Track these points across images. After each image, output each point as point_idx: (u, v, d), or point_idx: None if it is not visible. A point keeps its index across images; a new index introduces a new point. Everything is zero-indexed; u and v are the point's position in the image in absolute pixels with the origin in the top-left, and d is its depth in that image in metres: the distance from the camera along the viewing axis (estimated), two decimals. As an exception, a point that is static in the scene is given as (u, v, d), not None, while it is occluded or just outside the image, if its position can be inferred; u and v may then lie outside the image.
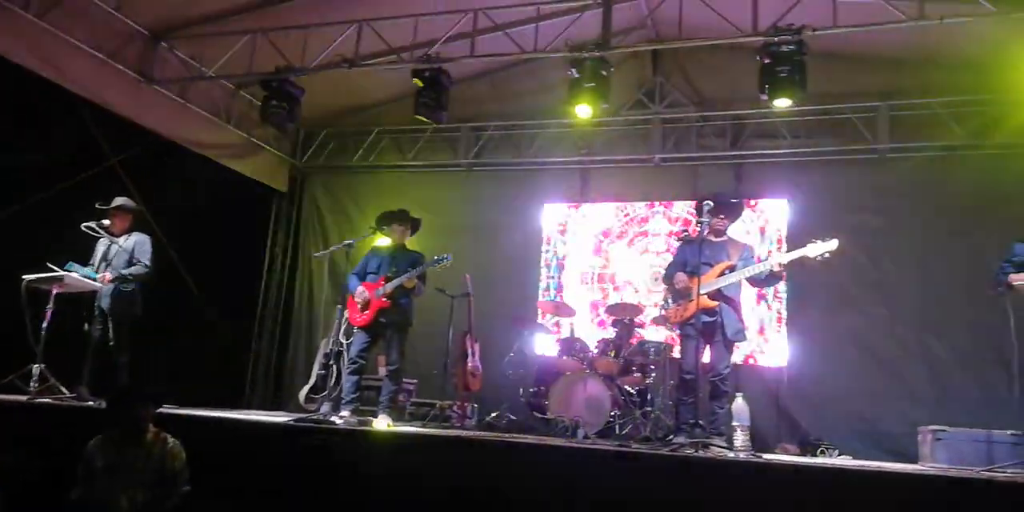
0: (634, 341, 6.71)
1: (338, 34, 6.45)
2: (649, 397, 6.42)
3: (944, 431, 5.09)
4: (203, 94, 7.44)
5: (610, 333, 6.89)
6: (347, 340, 5.95)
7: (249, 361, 8.57)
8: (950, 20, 5.24)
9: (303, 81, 6.71)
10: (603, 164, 8.21)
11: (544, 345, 7.69)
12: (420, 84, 6.09)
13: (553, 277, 8.15)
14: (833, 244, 4.73)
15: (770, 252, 7.20)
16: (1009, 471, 4.39)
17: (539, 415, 6.34)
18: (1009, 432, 5.07)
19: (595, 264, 8.08)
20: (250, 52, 6.63)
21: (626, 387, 6.47)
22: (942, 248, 6.85)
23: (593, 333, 7.66)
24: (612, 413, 6.09)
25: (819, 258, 4.77)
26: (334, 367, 6.08)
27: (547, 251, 8.21)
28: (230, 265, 7.99)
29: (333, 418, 4.77)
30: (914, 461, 5.66)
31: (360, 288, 5.57)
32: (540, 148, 8.28)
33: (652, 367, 6.48)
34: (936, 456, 5.04)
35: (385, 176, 8.63)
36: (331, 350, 6.01)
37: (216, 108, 7.64)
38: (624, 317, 6.83)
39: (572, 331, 7.35)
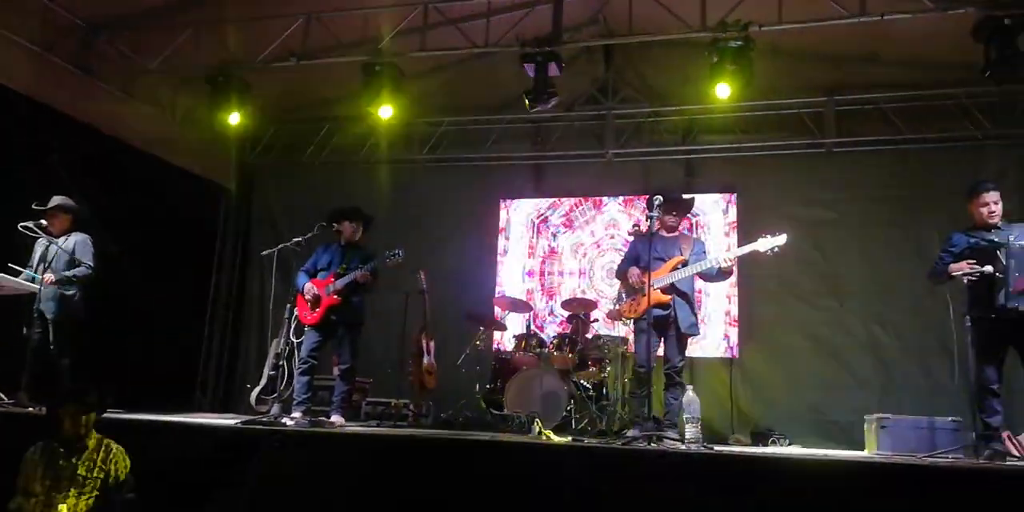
0: (589, 336, 6.75)
1: (286, 27, 6.32)
2: (605, 391, 6.46)
3: (888, 419, 5.21)
4: (146, 89, 7.21)
5: (566, 328, 6.93)
6: (298, 339, 5.85)
7: (199, 363, 8.38)
8: (891, 16, 5.37)
9: (251, 76, 6.57)
10: (557, 159, 8.23)
11: (501, 341, 7.70)
12: (369, 78, 5.99)
13: (509, 273, 8.14)
14: (782, 238, 4.82)
15: (729, 247, 7.31)
16: (950, 456, 4.53)
17: (495, 412, 6.34)
18: (950, 418, 5.21)
19: (549, 259, 8.09)
20: (194, 46, 6.45)
21: (582, 382, 6.50)
22: (888, 240, 7.04)
23: (550, 329, 7.70)
24: (568, 408, 6.11)
25: (769, 252, 4.86)
26: (285, 367, 5.98)
27: (503, 246, 8.19)
28: (178, 265, 7.79)
29: (284, 420, 4.69)
30: (861, 448, 5.80)
31: (309, 285, 5.48)
32: (495, 143, 8.26)
33: (607, 361, 6.52)
34: (881, 443, 5.17)
35: (337, 172, 8.50)
36: (282, 350, 5.90)
37: (160, 103, 7.43)
38: (579, 312, 6.86)
39: (528, 327, 7.35)
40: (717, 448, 4.50)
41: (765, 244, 4.85)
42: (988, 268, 4.45)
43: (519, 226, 8.23)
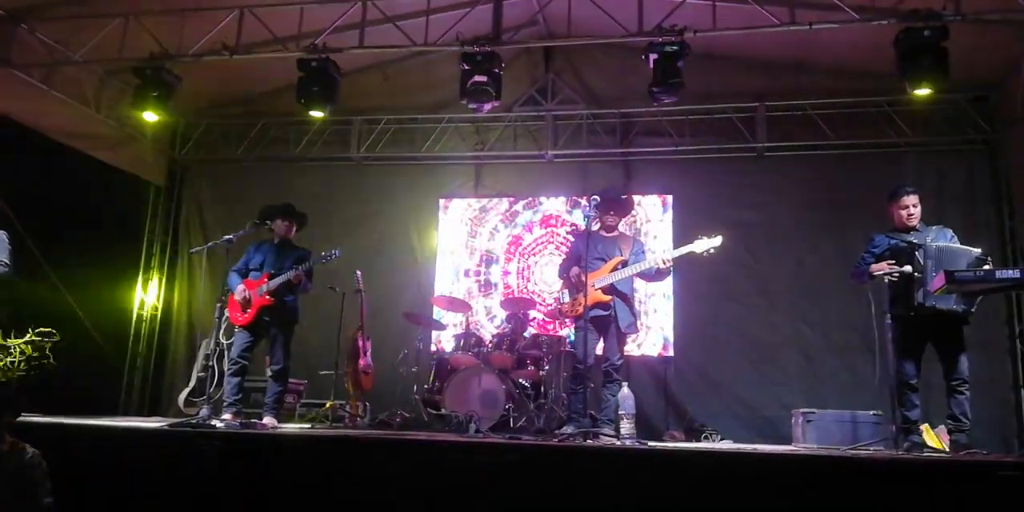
0: (527, 335, 6.77)
1: (218, 20, 6.15)
2: (543, 390, 6.49)
3: (813, 413, 5.40)
4: (69, 80, 6.91)
5: (504, 328, 6.94)
6: (228, 340, 5.70)
7: (124, 365, 8.08)
8: (819, 25, 5.56)
9: (181, 69, 6.37)
10: (497, 160, 8.24)
11: (439, 341, 7.66)
12: (305, 74, 5.88)
13: (447, 272, 8.11)
14: (717, 240, 4.96)
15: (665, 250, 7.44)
16: (872, 448, 4.71)
17: (433, 411, 6.30)
18: (871, 412, 5.43)
19: (487, 258, 8.10)
20: (121, 36, 6.22)
21: (521, 381, 6.52)
22: (815, 241, 7.27)
23: (488, 328, 7.71)
24: (507, 407, 6.13)
25: (705, 253, 4.98)
26: (215, 368, 5.81)
27: (441, 245, 8.15)
28: (102, 263, 7.50)
29: (213, 422, 4.56)
30: (790, 442, 5.98)
31: (241, 286, 5.36)
32: (435, 142, 8.22)
33: (546, 360, 6.56)
34: (807, 437, 5.34)
35: (272, 169, 8.33)
36: (211, 351, 5.73)
37: (84, 95, 7.13)
38: (518, 311, 6.88)
39: (467, 326, 7.34)
40: (651, 444, 4.58)
41: (701, 245, 4.97)
42: (907, 268, 4.64)
43: (457, 225, 8.20)
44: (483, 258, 8.11)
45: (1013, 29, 5.99)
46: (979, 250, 4.58)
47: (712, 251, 4.99)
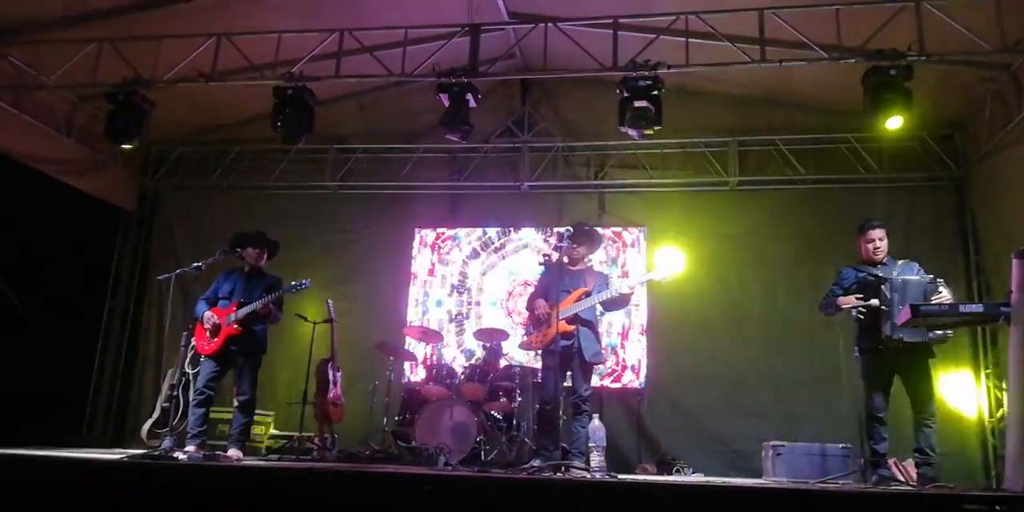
0: (501, 366, 6.72)
1: (194, 47, 6.16)
2: (515, 422, 6.42)
3: (783, 446, 5.39)
4: (41, 104, 6.87)
5: (477, 359, 6.89)
6: (194, 369, 5.59)
7: (88, 395, 7.88)
8: (788, 63, 5.69)
9: (155, 95, 6.34)
10: (473, 190, 8.26)
11: (411, 372, 7.57)
12: (281, 102, 5.89)
13: (420, 303, 8.05)
14: (677, 268, 4.99)
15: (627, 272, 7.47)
16: (840, 482, 4.70)
17: (404, 444, 6.20)
18: (840, 445, 5.44)
19: (462, 288, 8.06)
20: (94, 62, 6.19)
21: (492, 412, 6.45)
22: (786, 274, 7.34)
23: (460, 359, 7.64)
24: (478, 439, 6.05)
25: (663, 281, 5.05)
26: (180, 399, 5.68)
27: (415, 276, 8.11)
28: (69, 290, 7.37)
29: (177, 454, 4.44)
30: (760, 475, 5.95)
31: (209, 313, 5.27)
32: (411, 172, 8.24)
33: (518, 392, 6.50)
34: (777, 470, 5.33)
35: (245, 197, 8.28)
36: (176, 380, 5.62)
37: (55, 120, 7.07)
38: (491, 342, 6.84)
39: (439, 357, 7.27)
40: (621, 476, 4.53)
41: (659, 274, 5.06)
42: (874, 302, 4.69)
43: (431, 255, 8.18)
44: (456, 288, 8.07)
45: (977, 70, 6.20)
46: (931, 276, 4.67)
47: (669, 279, 5.07)
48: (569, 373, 5.04)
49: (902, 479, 4.74)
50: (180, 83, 6.19)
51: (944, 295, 4.55)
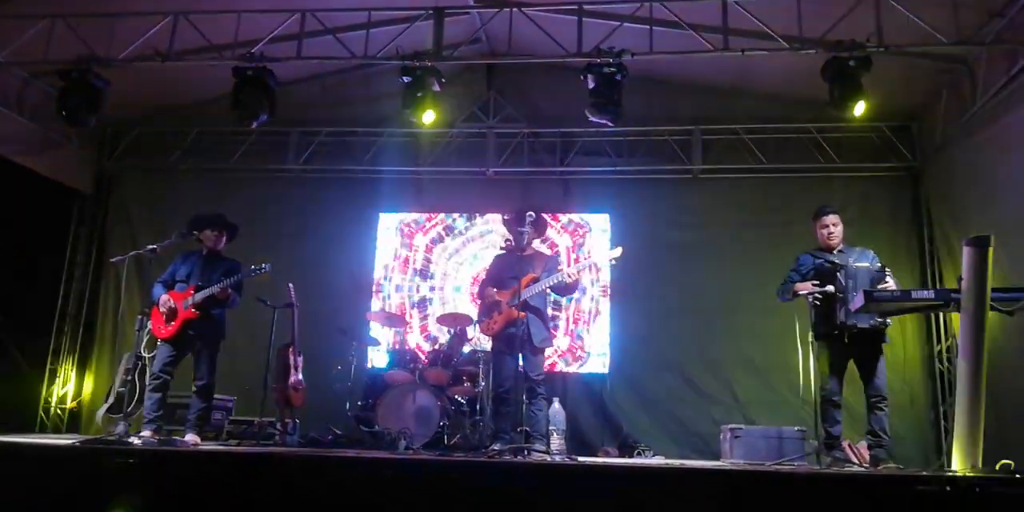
0: (465, 351, 6.73)
1: (151, 25, 6.00)
2: (478, 406, 6.44)
3: (740, 429, 5.50)
4: (-10, 82, 6.66)
5: (441, 344, 6.89)
6: (150, 354, 5.50)
7: (43, 380, 7.72)
8: (750, 52, 5.74)
9: (113, 74, 6.17)
10: (437, 175, 8.21)
11: (374, 358, 7.54)
12: (241, 82, 5.78)
13: (384, 287, 8.01)
14: (618, 251, 5.13)
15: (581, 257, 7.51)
16: (795, 463, 4.81)
17: (367, 428, 6.19)
18: (796, 428, 5.56)
19: (426, 273, 8.04)
20: (47, 38, 6.00)
21: (456, 397, 6.47)
22: (747, 261, 7.42)
23: (425, 344, 7.63)
24: (441, 423, 6.07)
25: (612, 262, 5.19)
26: (136, 384, 5.59)
27: (379, 260, 8.06)
28: (22, 274, 7.18)
29: (132, 439, 4.37)
30: (719, 458, 6.06)
31: (165, 297, 5.18)
32: (375, 156, 8.16)
33: (482, 376, 6.52)
34: (734, 452, 5.43)
35: (206, 179, 8.10)
36: (132, 365, 5.52)
37: (6, 98, 6.84)
38: (455, 327, 6.84)
39: (403, 342, 7.25)
40: (581, 459, 4.58)
41: (601, 257, 5.19)
42: (829, 288, 4.79)
43: (396, 239, 8.13)
44: (421, 273, 8.05)
45: (934, 62, 6.32)
46: (880, 264, 4.81)
47: (614, 261, 5.18)
48: (521, 358, 5.07)
49: (856, 461, 4.86)
50: (136, 62, 6.02)
51: (890, 284, 4.68)
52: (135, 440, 4.33)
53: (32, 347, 7.61)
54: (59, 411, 7.74)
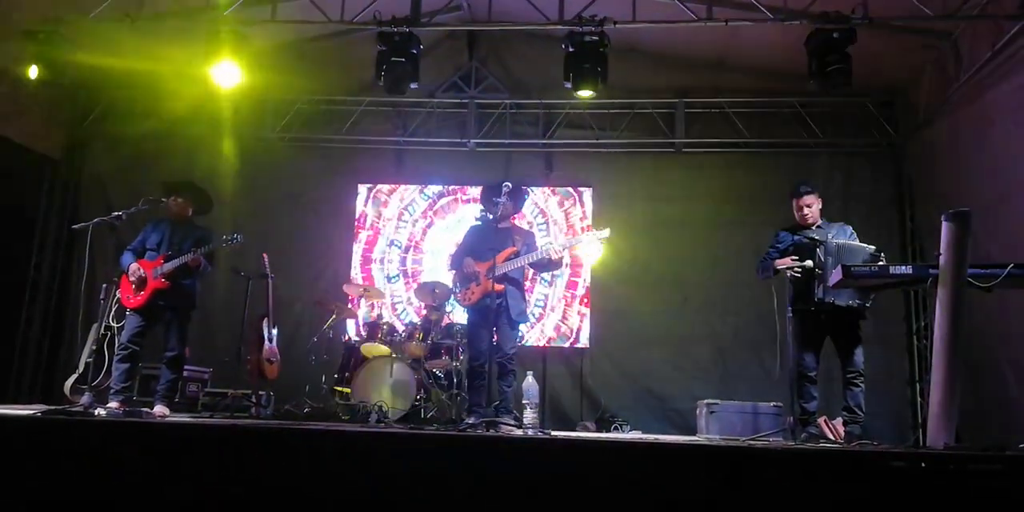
0: (443, 324, 6.67)
1: (121, -16, 5.81)
2: (456, 380, 6.41)
3: (716, 404, 5.50)
4: (-46, 43, 6.41)
5: (420, 316, 6.83)
6: (119, 323, 5.40)
7: (15, 350, 7.59)
8: (734, 23, 5.64)
9: (82, 37, 5.97)
10: (419, 146, 8.08)
11: (351, 330, 7.48)
12: (213, 45, 5.61)
13: (362, 259, 7.92)
14: (605, 232, 5.03)
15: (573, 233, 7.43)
16: (770, 439, 4.81)
17: (342, 401, 6.14)
18: (772, 404, 5.56)
19: (406, 245, 7.95)
20: (12, -3, 5.80)
21: (434, 370, 6.43)
22: (728, 236, 7.38)
23: (404, 316, 7.57)
24: (418, 397, 6.03)
25: (600, 241, 5.05)
26: (105, 354, 5.50)
27: (358, 232, 7.96)
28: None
29: (98, 410, 4.29)
30: (695, 433, 6.08)
31: (134, 266, 5.07)
32: (355, 125, 8.00)
33: (460, 350, 6.48)
34: (710, 428, 5.43)
35: (181, 146, 7.91)
36: (100, 335, 5.42)
37: (-30, 60, 6.63)
38: (432, 300, 6.76)
39: (380, 315, 7.18)
40: (555, 433, 4.56)
41: (589, 238, 5.07)
42: (808, 263, 4.75)
43: (375, 210, 8.01)
44: (400, 245, 7.95)
45: (919, 37, 6.23)
46: (873, 247, 4.75)
47: (600, 242, 5.07)
48: (495, 331, 5.02)
49: (831, 437, 4.86)
50: (105, 22, 5.82)
51: None
52: (100, 411, 4.26)
53: (3, 316, 7.48)
54: (32, 381, 7.63)
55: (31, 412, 4.00)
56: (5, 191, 7.30)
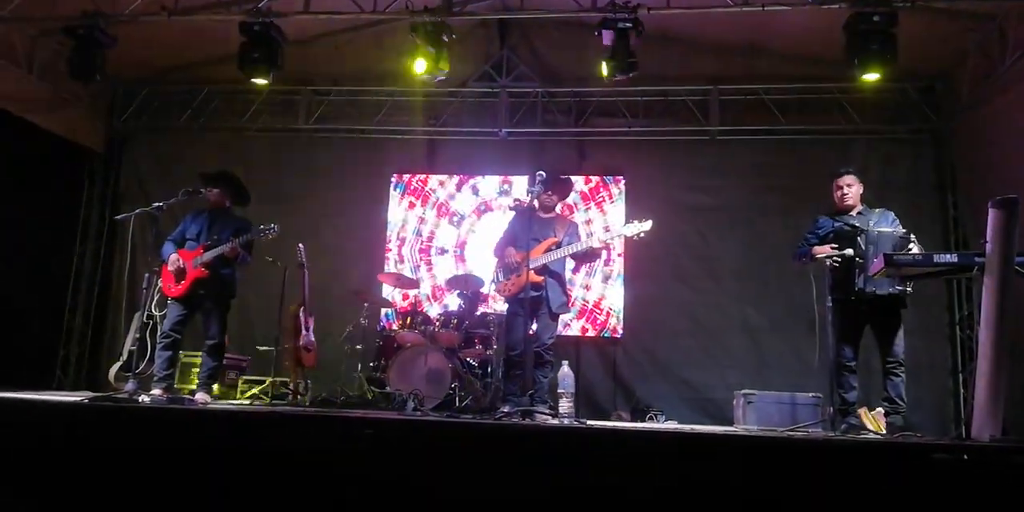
0: (477, 313, 6.69)
1: (156, -22, 5.88)
2: (490, 369, 6.43)
3: (754, 395, 5.44)
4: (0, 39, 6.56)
5: (454, 306, 6.86)
6: (161, 312, 5.51)
7: (60, 339, 7.80)
8: (771, 7, 5.53)
9: (120, 32, 6.06)
10: (451, 135, 8.08)
11: (386, 319, 7.54)
12: (247, 39, 5.66)
13: (394, 249, 7.97)
14: (647, 224, 4.93)
15: (609, 227, 7.39)
16: (808, 430, 4.76)
17: (378, 390, 6.20)
18: (811, 394, 5.49)
19: (438, 235, 7.98)
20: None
21: (468, 359, 6.45)
22: (765, 225, 7.29)
23: (438, 306, 7.61)
24: (453, 385, 6.06)
25: (636, 237, 4.95)
26: (148, 342, 5.62)
27: (391, 222, 8.00)
28: (37, 233, 7.20)
29: (142, 397, 4.39)
30: (732, 424, 6.03)
31: (175, 255, 5.16)
32: (386, 116, 8.03)
33: (494, 339, 6.49)
34: (747, 418, 5.38)
35: (217, 139, 8.03)
36: (142, 323, 5.54)
37: (14, 55, 6.76)
38: (466, 290, 6.79)
39: (415, 304, 7.23)
40: (590, 423, 4.56)
41: (631, 229, 4.97)
42: (848, 252, 4.67)
43: (407, 200, 8.05)
44: (433, 235, 7.98)
45: (962, 20, 6.06)
46: (903, 230, 4.66)
47: (643, 234, 4.97)
48: (534, 321, 5.01)
49: (871, 428, 4.79)
50: (142, 17, 5.91)
51: (914, 250, 4.55)
52: (145, 398, 4.35)
53: (48, 305, 7.68)
54: (77, 369, 7.83)
55: (79, 399, 4.11)
56: (50, 183, 7.48)
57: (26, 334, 7.12)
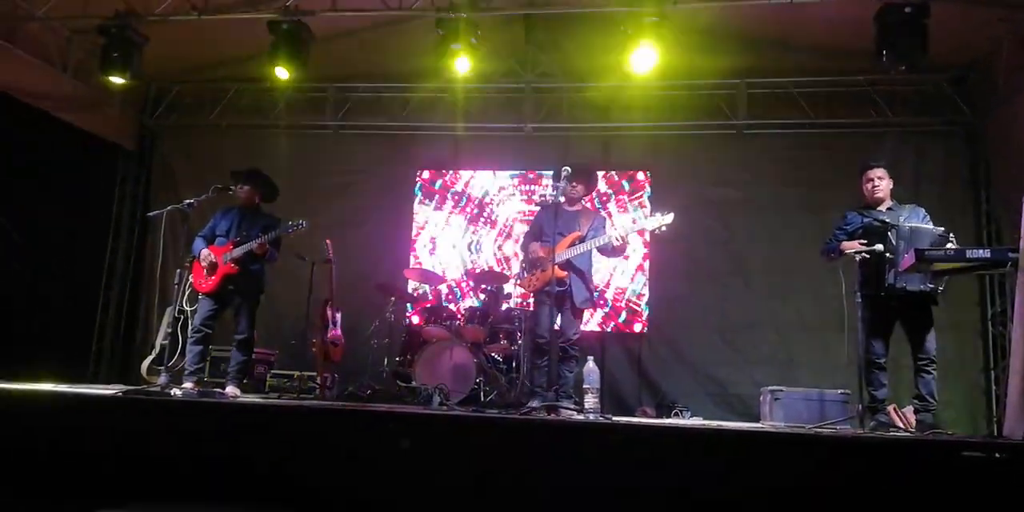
0: (502, 309, 6.72)
1: (186, -22, 5.97)
2: (515, 364, 6.46)
3: (781, 391, 5.39)
4: (33, 38, 6.68)
5: (479, 301, 6.89)
6: (192, 307, 5.61)
7: (94, 333, 7.96)
8: (799, 0, 5.45)
9: (150, 30, 6.17)
10: (476, 131, 8.09)
11: (411, 314, 7.59)
12: (276, 37, 5.72)
13: (421, 244, 8.01)
14: (669, 217, 4.88)
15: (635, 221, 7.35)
16: (837, 427, 4.71)
17: (404, 384, 6.26)
18: (839, 391, 5.43)
19: (464, 230, 8.00)
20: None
21: (493, 354, 6.49)
22: (792, 220, 7.21)
23: (463, 301, 7.65)
24: (478, 380, 6.09)
25: (657, 230, 4.92)
26: (179, 336, 5.72)
27: (417, 218, 8.05)
28: (70, 229, 7.35)
29: (174, 390, 4.47)
30: (758, 420, 5.99)
31: (206, 251, 5.25)
32: (412, 112, 8.07)
33: (518, 334, 6.52)
34: (774, 415, 5.34)
35: (245, 136, 8.12)
36: (173, 318, 5.64)
37: (49, 54, 6.90)
38: (491, 285, 6.82)
39: (440, 299, 7.27)
40: (616, 418, 4.56)
41: (653, 223, 4.93)
42: (878, 247, 4.60)
43: (433, 196, 8.09)
44: (459, 230, 8.01)
45: (994, 10, 5.93)
46: (942, 228, 4.58)
47: (664, 228, 4.91)
48: (559, 315, 5.00)
49: (900, 425, 4.74)
50: (172, 16, 6.00)
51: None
52: (176, 391, 4.44)
53: (82, 301, 7.83)
54: (110, 363, 7.99)
55: (113, 392, 4.20)
56: (82, 180, 7.62)
57: (60, 329, 7.27)
